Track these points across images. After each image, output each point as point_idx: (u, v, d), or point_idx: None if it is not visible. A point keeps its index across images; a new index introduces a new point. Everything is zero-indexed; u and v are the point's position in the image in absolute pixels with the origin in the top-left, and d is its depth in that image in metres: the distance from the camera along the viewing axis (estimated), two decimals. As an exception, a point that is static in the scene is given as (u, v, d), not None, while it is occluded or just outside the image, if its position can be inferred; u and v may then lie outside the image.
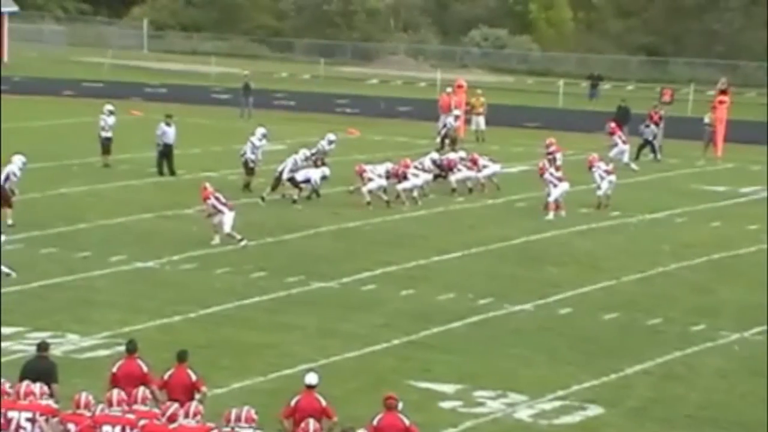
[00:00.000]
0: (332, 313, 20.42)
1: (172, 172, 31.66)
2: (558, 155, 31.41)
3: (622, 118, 40.93)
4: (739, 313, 21.26)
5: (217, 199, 24.81)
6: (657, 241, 26.67)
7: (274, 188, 29.08)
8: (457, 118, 39.87)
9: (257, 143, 30.62)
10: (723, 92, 46.78)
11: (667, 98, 49.51)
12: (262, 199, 28.63)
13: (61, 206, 27.65)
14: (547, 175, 28.73)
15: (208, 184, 25.51)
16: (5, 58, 59.43)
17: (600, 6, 76.31)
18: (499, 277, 23.12)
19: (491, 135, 40.08)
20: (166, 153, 31.87)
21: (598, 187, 29.42)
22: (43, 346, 14.83)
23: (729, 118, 39.77)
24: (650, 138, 38.06)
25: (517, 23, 73.71)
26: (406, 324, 19.89)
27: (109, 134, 32.93)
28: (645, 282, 23.16)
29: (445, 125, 39.10)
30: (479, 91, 42.84)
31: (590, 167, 29.66)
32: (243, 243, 24.25)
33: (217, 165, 32.93)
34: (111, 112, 33.48)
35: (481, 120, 41.34)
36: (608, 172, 29.67)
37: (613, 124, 36.76)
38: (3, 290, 20.08)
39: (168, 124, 32.04)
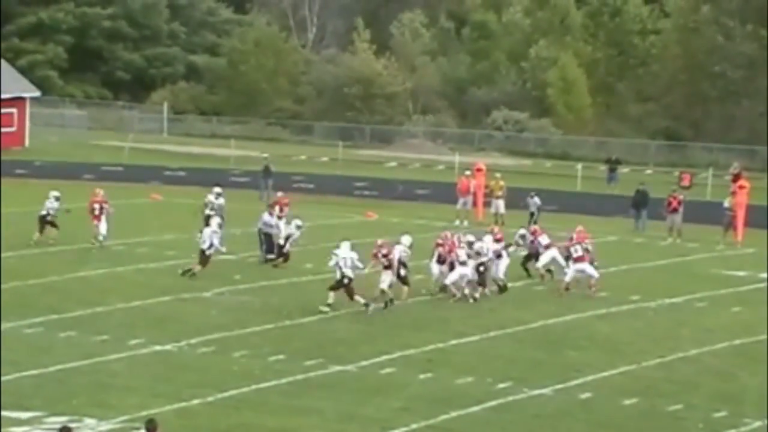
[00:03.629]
0: (350, 397, 20.29)
1: (267, 260, 31.36)
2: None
3: (641, 201, 40.98)
4: (761, 400, 21.02)
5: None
6: (677, 325, 26.50)
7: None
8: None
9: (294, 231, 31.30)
10: (737, 177, 46.87)
11: (686, 183, 49.54)
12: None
13: (79, 289, 27.70)
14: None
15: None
16: (26, 143, 60.05)
17: (619, 91, 76.78)
18: (518, 360, 22.98)
19: (510, 219, 40.11)
20: (266, 241, 31.58)
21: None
22: (65, 431, 14.71)
23: (748, 203, 39.72)
24: (534, 210, 39.34)
25: (536, 107, 74.23)
26: (425, 408, 19.74)
27: (47, 216, 33.29)
28: (665, 367, 22.97)
29: (527, 204, 39.94)
30: (498, 175, 43.00)
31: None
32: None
33: (237, 248, 32.98)
34: (57, 198, 33.81)
35: (501, 203, 41.42)
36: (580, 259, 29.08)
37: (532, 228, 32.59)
38: (23, 374, 20.01)
39: (271, 214, 32.00)
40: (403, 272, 27.82)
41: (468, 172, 43.32)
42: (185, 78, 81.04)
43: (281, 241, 31.41)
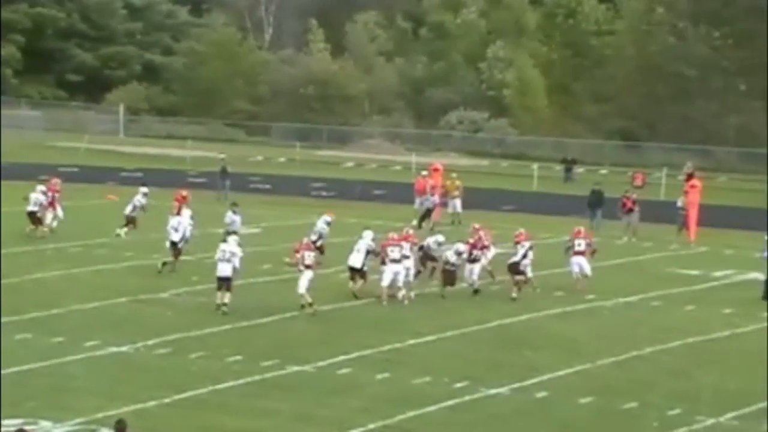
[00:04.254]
0: (308, 398, 20.34)
1: None
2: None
3: (596, 201, 41.31)
4: (715, 398, 21.28)
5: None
6: (632, 324, 26.75)
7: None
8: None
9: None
10: (690, 176, 47.36)
11: (638, 182, 49.98)
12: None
13: (36, 291, 27.55)
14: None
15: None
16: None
17: (575, 91, 77.28)
18: (475, 360, 23.10)
19: (467, 218, 40.25)
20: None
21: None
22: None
23: (702, 203, 40.13)
24: (431, 207, 39.86)
25: (493, 108, 74.56)
26: (383, 408, 19.82)
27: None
28: (621, 366, 23.17)
29: (425, 201, 39.87)
30: (454, 175, 43.20)
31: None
32: None
33: (194, 248, 32.89)
34: (44, 193, 34.92)
35: (458, 203, 41.65)
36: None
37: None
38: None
39: (234, 213, 31.94)
40: (358, 264, 27.74)
41: (425, 172, 43.51)
42: (141, 78, 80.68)
43: (314, 238, 30.38)
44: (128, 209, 35.40)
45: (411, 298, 27.95)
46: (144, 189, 36.23)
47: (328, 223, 31.88)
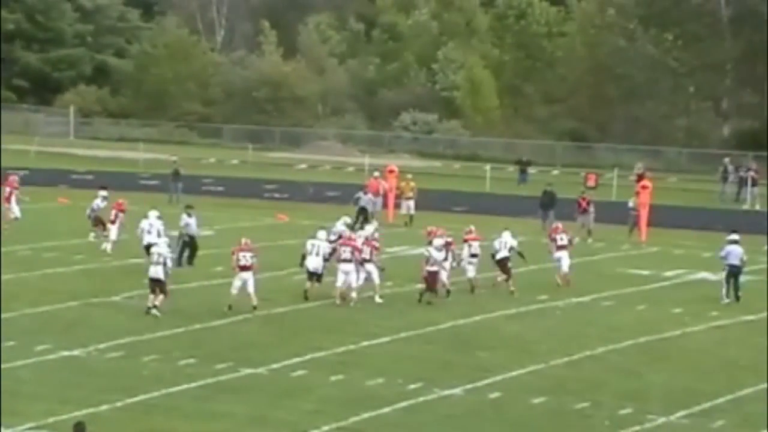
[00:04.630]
0: (262, 400, 20.29)
1: (191, 262, 31.14)
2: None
3: (548, 202, 41.54)
4: (665, 397, 21.46)
5: None
6: (584, 324, 26.92)
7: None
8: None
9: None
10: (641, 177, 47.75)
11: (591, 183, 50.27)
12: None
13: (-15, 295, 27.27)
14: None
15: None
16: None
17: (526, 93, 77.67)
18: (428, 361, 23.16)
19: (419, 219, 40.35)
20: (189, 244, 31.34)
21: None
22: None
23: (652, 203, 40.46)
24: (365, 205, 39.97)
25: (445, 109, 74.77)
26: (336, 410, 19.82)
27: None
28: (573, 366, 23.32)
29: (358, 199, 40.21)
30: (409, 176, 43.30)
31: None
32: None
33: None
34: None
35: (412, 204, 41.78)
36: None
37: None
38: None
39: (189, 215, 31.68)
40: (320, 268, 27.67)
41: (377, 173, 43.58)
42: (92, 81, 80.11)
43: (332, 238, 30.34)
44: (89, 213, 35.07)
45: (369, 300, 27.95)
46: (103, 192, 35.94)
47: (348, 225, 31.87)
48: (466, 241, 29.90)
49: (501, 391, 21.26)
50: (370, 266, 28.02)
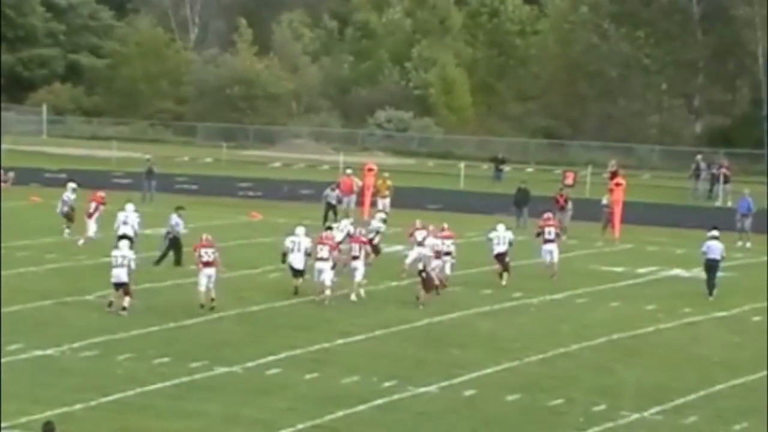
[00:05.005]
0: (236, 399, 20.27)
1: (179, 263, 30.94)
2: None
3: (522, 199, 41.63)
4: (638, 393, 21.56)
5: None
6: (558, 321, 27.00)
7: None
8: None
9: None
10: (614, 174, 47.90)
11: (569, 181, 50.17)
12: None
13: (-43, 294, 27.12)
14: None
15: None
16: None
17: (500, 90, 77.81)
18: (403, 359, 23.18)
19: (394, 217, 40.35)
20: (175, 243, 31.15)
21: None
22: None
23: (625, 200, 40.62)
24: (333, 202, 40.34)
25: (419, 107, 74.83)
26: (311, 408, 19.81)
27: None
28: (547, 363, 23.39)
29: (326, 196, 40.38)
30: (387, 174, 43.33)
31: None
32: None
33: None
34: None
35: (387, 202, 41.80)
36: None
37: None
38: None
39: (180, 216, 31.50)
40: (303, 264, 27.74)
41: (349, 171, 43.58)
42: (65, 79, 79.74)
43: (371, 236, 31.09)
44: (60, 208, 35.14)
45: (361, 296, 27.95)
46: (72, 185, 36.01)
47: (384, 221, 31.98)
48: (439, 238, 29.94)
49: (475, 389, 21.31)
50: (358, 263, 27.94)
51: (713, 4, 70.07)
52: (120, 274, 25.76)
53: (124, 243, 26.77)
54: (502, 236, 30.24)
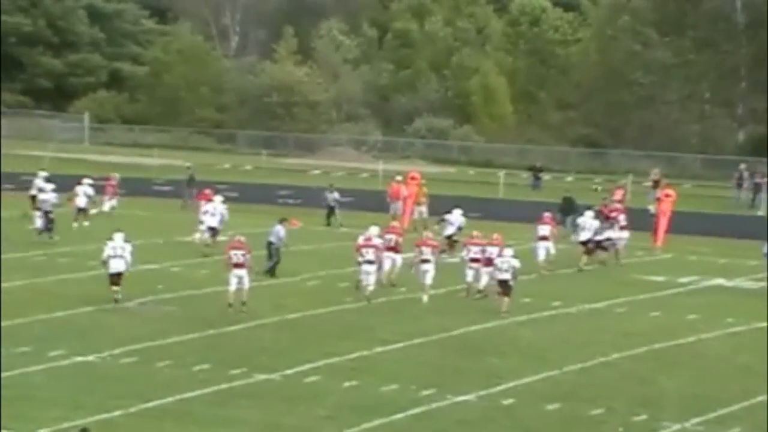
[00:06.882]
0: (275, 406, 20.29)
1: (273, 274, 30.85)
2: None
3: (568, 208, 41.37)
4: (679, 403, 21.39)
5: None
6: (598, 330, 26.85)
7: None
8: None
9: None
10: (657, 182, 47.33)
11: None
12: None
13: (-1, 300, 27.33)
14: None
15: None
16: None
17: (540, 99, 77.61)
18: (441, 367, 23.12)
19: (433, 225, 40.27)
20: (276, 253, 31.05)
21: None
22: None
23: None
24: (332, 204, 41.26)
25: (458, 115, 74.76)
26: (350, 416, 19.80)
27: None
28: (586, 372, 23.26)
29: (325, 198, 41.52)
30: (423, 181, 43.30)
31: None
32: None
33: (160, 257, 32.81)
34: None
35: (424, 209, 41.77)
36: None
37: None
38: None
39: (284, 227, 31.43)
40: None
41: (399, 178, 43.59)
42: (107, 86, 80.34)
43: (450, 232, 33.05)
44: (82, 202, 36.54)
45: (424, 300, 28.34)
46: (88, 180, 38.08)
47: (464, 215, 32.62)
48: (466, 245, 29.93)
49: (514, 398, 21.21)
50: (428, 266, 28.62)
51: (757, 11, 69.53)
52: (118, 265, 26.63)
53: (119, 235, 27.34)
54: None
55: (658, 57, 70.70)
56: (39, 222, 35.51)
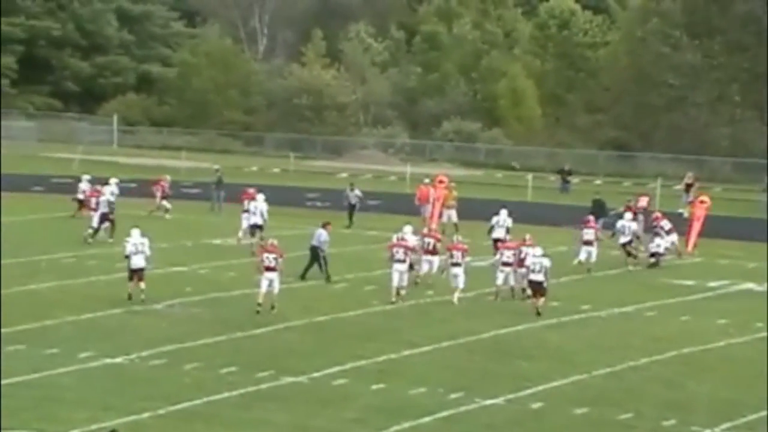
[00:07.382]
0: (303, 409, 20.28)
1: (327, 278, 30.72)
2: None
3: (599, 211, 41.17)
4: (709, 408, 21.26)
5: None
6: (627, 335, 26.72)
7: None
8: None
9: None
10: (689, 186, 47.03)
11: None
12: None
13: (28, 303, 27.46)
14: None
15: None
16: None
17: (569, 102, 77.37)
18: (469, 371, 23.06)
19: (461, 228, 40.21)
20: (316, 256, 30.81)
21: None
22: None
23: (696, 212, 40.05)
24: (353, 202, 41.79)
25: (487, 118, 74.64)
26: (377, 419, 19.77)
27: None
28: (615, 376, 23.15)
29: (347, 197, 41.84)
30: (452, 184, 43.23)
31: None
32: None
33: (188, 259, 32.88)
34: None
35: (453, 213, 41.70)
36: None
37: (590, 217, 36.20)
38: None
39: (327, 231, 31.11)
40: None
41: (427, 180, 43.56)
42: (136, 89, 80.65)
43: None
44: (104, 208, 36.32)
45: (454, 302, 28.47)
46: (114, 180, 38.51)
47: (510, 214, 33.72)
48: (499, 249, 29.85)
49: (543, 402, 21.13)
50: (458, 270, 28.73)
51: (788, 14, 69.09)
52: (138, 261, 27.15)
53: (136, 231, 27.74)
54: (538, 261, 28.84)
55: (688, 59, 70.36)
56: (96, 222, 35.98)
